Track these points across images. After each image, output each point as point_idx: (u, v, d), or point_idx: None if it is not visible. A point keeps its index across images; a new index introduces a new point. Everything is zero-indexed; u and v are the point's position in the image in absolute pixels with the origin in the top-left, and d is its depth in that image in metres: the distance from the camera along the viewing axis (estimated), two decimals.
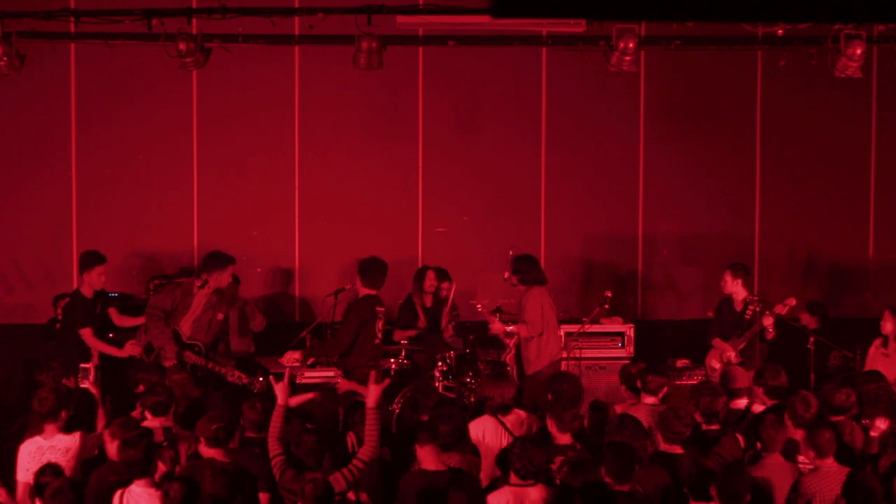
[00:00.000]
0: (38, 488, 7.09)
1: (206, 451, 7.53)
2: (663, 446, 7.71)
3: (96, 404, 8.50)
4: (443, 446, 7.57)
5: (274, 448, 7.44)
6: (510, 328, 10.62)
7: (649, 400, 8.62)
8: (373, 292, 10.27)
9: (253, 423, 8.05)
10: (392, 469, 7.75)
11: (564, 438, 7.82)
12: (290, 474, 7.23)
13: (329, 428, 9.15)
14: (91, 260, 10.69)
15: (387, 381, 7.84)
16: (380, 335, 10.30)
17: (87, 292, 10.67)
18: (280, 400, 7.68)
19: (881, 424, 7.95)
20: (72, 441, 7.86)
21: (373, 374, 7.81)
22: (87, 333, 10.53)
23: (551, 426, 7.90)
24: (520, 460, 7.04)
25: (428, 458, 7.40)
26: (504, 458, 7.44)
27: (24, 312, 12.23)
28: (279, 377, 7.87)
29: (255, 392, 9.74)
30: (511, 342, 10.72)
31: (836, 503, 6.99)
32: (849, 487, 6.86)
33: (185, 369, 10.03)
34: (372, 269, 10.29)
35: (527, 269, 10.66)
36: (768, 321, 10.43)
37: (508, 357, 10.71)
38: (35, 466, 7.68)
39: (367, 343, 10.18)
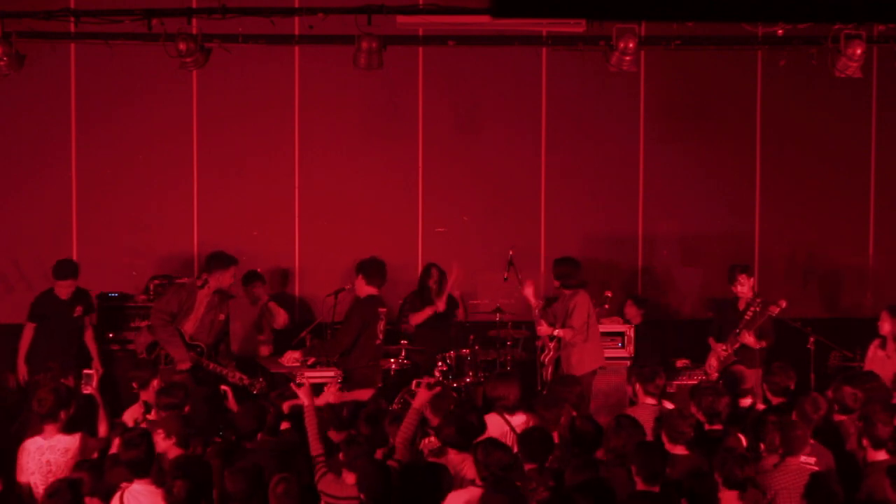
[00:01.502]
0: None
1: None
2: (667, 446, 7.71)
3: (98, 409, 8.50)
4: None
5: (316, 447, 7.44)
6: (557, 332, 10.54)
7: (649, 401, 8.61)
8: (375, 292, 10.27)
9: (268, 428, 8.06)
10: (390, 469, 7.72)
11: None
12: (330, 477, 7.21)
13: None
14: (59, 272, 10.91)
15: (438, 389, 7.86)
16: (381, 336, 10.29)
17: (61, 294, 10.88)
18: (307, 401, 7.71)
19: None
20: (71, 441, 7.86)
21: (425, 380, 7.88)
22: (28, 328, 10.91)
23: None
24: (486, 466, 7.00)
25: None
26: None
27: (24, 312, 12.21)
28: (298, 384, 7.92)
29: (255, 394, 9.75)
30: (552, 344, 10.67)
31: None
32: (811, 489, 6.84)
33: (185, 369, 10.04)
34: (373, 269, 10.29)
35: (570, 273, 10.62)
36: (748, 339, 10.43)
37: (548, 358, 10.69)
38: (35, 467, 7.69)
39: (369, 344, 10.18)
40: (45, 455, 7.72)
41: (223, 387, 9.01)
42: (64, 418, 7.92)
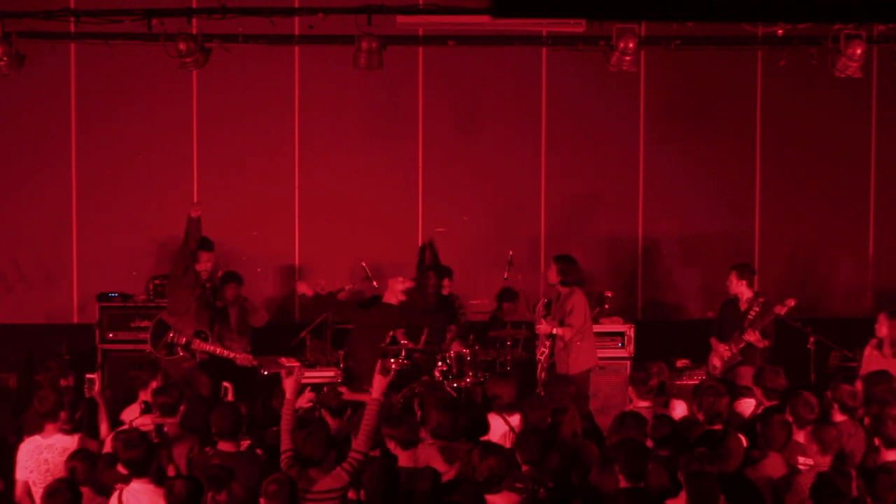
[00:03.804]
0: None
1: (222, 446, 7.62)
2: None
3: (100, 412, 8.52)
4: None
5: (286, 442, 7.43)
6: (556, 330, 10.49)
7: (643, 403, 8.58)
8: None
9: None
10: (395, 469, 7.70)
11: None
12: (295, 471, 7.21)
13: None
14: None
15: (392, 375, 7.85)
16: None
17: None
18: (289, 394, 7.71)
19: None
20: (70, 442, 7.86)
21: (378, 363, 7.84)
22: None
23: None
24: (476, 470, 6.95)
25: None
26: None
27: (23, 312, 12.23)
28: (288, 372, 7.91)
29: (266, 375, 9.80)
30: (548, 342, 10.63)
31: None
32: (816, 488, 6.83)
33: (192, 357, 10.12)
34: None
35: (571, 270, 10.58)
36: (752, 337, 10.45)
37: (543, 357, 10.65)
38: (34, 465, 7.70)
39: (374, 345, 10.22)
40: (43, 454, 7.73)
41: (225, 383, 9.03)
42: (64, 418, 7.93)
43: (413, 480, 7.04)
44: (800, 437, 7.81)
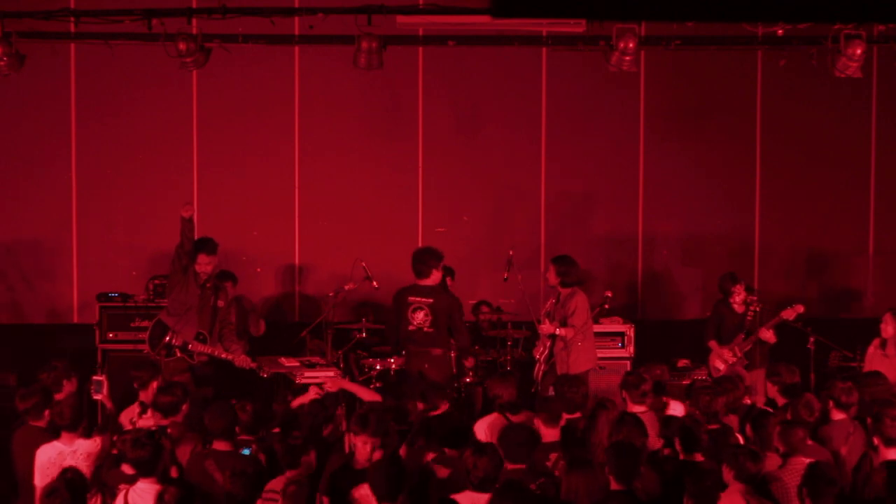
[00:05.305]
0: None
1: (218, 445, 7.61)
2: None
3: (111, 416, 8.52)
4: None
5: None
6: (559, 331, 10.46)
7: (637, 408, 8.56)
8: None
9: (244, 426, 8.03)
10: (403, 468, 7.69)
11: (552, 435, 7.83)
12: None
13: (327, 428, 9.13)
14: None
15: None
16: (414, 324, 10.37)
17: None
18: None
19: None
20: (93, 446, 7.86)
21: None
22: None
23: (538, 424, 7.93)
24: (473, 469, 6.91)
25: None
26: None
27: (23, 312, 12.23)
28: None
29: (265, 378, 9.79)
30: (547, 342, 10.61)
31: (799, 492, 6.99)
32: (809, 477, 6.84)
33: (190, 358, 10.10)
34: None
35: (570, 272, 10.58)
36: (767, 335, 10.51)
37: (543, 356, 10.63)
38: (56, 472, 7.65)
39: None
40: (66, 460, 7.67)
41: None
42: (85, 426, 7.94)
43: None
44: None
